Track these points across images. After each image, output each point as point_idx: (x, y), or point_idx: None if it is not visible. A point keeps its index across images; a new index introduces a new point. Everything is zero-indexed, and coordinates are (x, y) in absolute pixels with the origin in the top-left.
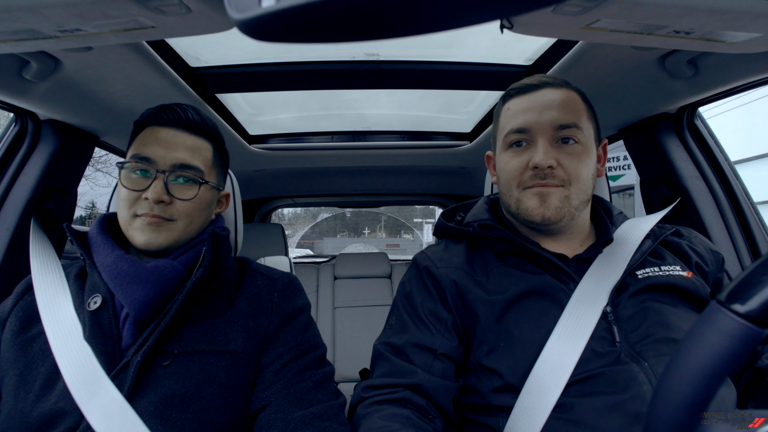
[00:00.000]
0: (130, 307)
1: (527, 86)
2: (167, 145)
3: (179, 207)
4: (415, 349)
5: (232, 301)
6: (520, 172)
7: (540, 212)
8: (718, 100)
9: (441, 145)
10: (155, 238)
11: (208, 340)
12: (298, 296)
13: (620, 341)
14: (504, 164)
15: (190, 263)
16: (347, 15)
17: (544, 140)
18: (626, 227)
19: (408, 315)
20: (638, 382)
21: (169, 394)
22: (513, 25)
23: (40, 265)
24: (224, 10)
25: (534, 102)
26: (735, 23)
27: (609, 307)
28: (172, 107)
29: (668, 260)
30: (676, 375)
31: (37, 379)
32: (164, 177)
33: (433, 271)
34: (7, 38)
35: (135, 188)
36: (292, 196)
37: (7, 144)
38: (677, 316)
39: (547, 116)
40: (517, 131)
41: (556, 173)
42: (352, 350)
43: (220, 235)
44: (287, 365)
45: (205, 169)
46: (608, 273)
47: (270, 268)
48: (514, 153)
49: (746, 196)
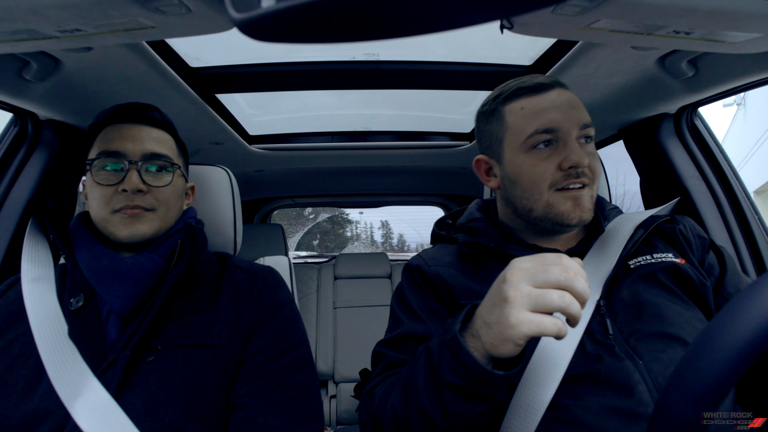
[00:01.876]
0: (112, 304)
1: (541, 85)
2: (134, 138)
3: (157, 195)
4: (409, 340)
5: (214, 296)
6: (552, 173)
7: (577, 215)
8: (718, 100)
9: (441, 146)
10: (138, 228)
11: (192, 334)
12: (280, 289)
13: (614, 334)
14: (529, 167)
15: (168, 255)
16: (347, 15)
17: (574, 140)
18: (618, 220)
19: (402, 312)
20: (633, 381)
21: (155, 389)
22: (513, 25)
23: (30, 267)
24: (224, 10)
25: (554, 101)
26: (735, 23)
27: (602, 299)
28: (132, 105)
29: (660, 248)
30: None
31: (18, 381)
32: (137, 167)
33: (424, 268)
34: (7, 38)
35: (109, 183)
36: (292, 197)
37: (7, 144)
38: (671, 308)
39: (573, 115)
40: (545, 131)
41: (586, 172)
42: (352, 350)
43: (195, 227)
44: (269, 362)
45: (173, 157)
46: (600, 264)
47: (250, 262)
48: (539, 154)
49: (746, 196)
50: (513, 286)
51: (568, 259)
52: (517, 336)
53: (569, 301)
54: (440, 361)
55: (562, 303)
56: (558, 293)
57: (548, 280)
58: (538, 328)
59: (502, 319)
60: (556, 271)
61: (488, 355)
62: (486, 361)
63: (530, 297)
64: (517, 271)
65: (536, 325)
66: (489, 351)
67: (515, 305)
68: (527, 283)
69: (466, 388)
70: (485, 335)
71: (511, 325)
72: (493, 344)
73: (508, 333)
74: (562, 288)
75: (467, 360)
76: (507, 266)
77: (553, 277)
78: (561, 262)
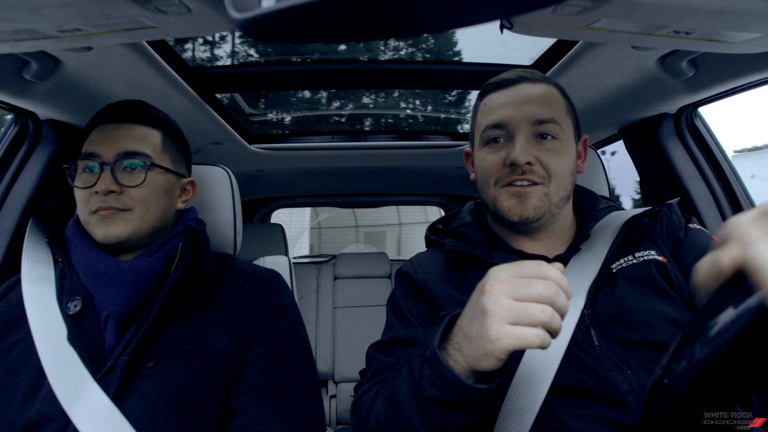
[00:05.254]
0: (109, 309)
1: (505, 81)
2: (110, 138)
3: (132, 194)
4: (399, 344)
5: (216, 299)
6: (497, 169)
7: (518, 212)
8: (718, 100)
9: (441, 146)
10: (112, 230)
11: (193, 339)
12: (282, 294)
13: (599, 345)
14: (481, 161)
15: (167, 259)
16: (347, 15)
17: (521, 136)
18: (605, 220)
19: (395, 317)
20: (622, 392)
21: (154, 395)
22: (513, 25)
23: (30, 267)
24: (224, 10)
25: (511, 97)
26: (735, 23)
27: (587, 309)
28: (119, 103)
29: (643, 246)
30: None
31: (19, 386)
32: (110, 168)
33: (413, 275)
34: (7, 38)
35: (85, 185)
36: (292, 196)
37: (7, 144)
38: (658, 311)
39: (524, 111)
40: (494, 126)
41: (534, 170)
42: (352, 350)
43: (197, 229)
44: (270, 368)
45: (153, 154)
46: (584, 271)
47: (253, 265)
48: (491, 149)
49: (746, 196)
50: (492, 298)
51: (548, 268)
52: (499, 351)
53: (551, 315)
54: (421, 376)
55: (544, 317)
56: (540, 307)
57: (530, 294)
58: (520, 342)
59: (483, 333)
60: (539, 287)
61: (470, 369)
62: (468, 374)
63: (511, 311)
64: (496, 282)
65: (518, 339)
66: (471, 365)
67: (495, 319)
68: (507, 295)
69: (449, 402)
70: (466, 349)
71: (492, 340)
72: (474, 358)
73: (489, 348)
74: (544, 302)
75: (448, 376)
76: (485, 275)
77: (535, 293)
78: (542, 273)
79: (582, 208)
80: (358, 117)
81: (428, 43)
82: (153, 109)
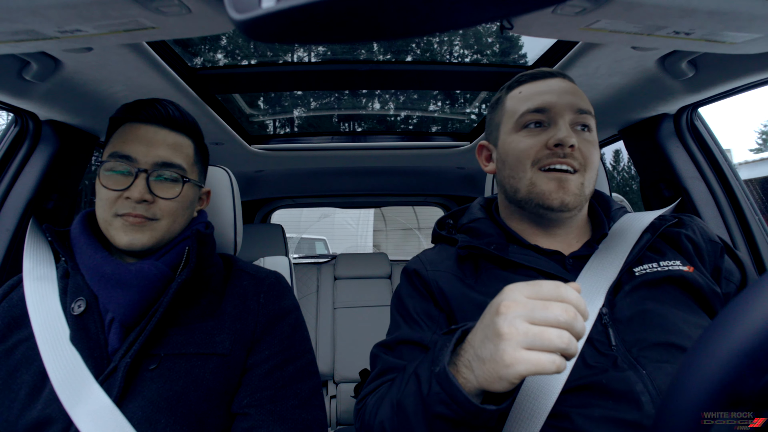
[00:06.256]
0: (114, 312)
1: (542, 72)
2: (148, 142)
3: (162, 206)
4: (405, 345)
5: (219, 302)
6: (537, 150)
7: (559, 196)
8: (718, 100)
9: (441, 146)
10: (138, 238)
11: (195, 342)
12: (286, 296)
13: (616, 344)
14: (516, 144)
15: (174, 263)
16: (347, 15)
17: (564, 121)
18: (624, 221)
19: (401, 316)
20: (637, 392)
21: (156, 397)
22: (513, 25)
23: (32, 266)
24: (224, 10)
25: (551, 86)
26: (735, 24)
27: (605, 308)
28: (152, 102)
29: (668, 255)
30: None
31: (21, 387)
32: (146, 176)
33: (422, 273)
34: (7, 39)
35: (116, 188)
36: (292, 197)
37: (7, 144)
38: (678, 317)
39: (567, 99)
40: (536, 111)
41: (576, 155)
42: (352, 350)
43: (204, 233)
44: (272, 371)
45: (187, 167)
46: (604, 271)
47: (257, 266)
48: (529, 133)
49: (746, 196)
50: (508, 321)
51: (566, 290)
52: (513, 375)
53: (568, 341)
54: (429, 392)
55: (561, 344)
56: (557, 332)
57: (547, 318)
58: (536, 368)
59: (497, 357)
60: (556, 310)
61: (480, 389)
62: (477, 393)
63: (527, 335)
64: (512, 304)
65: (533, 365)
66: (482, 386)
67: (510, 343)
68: (523, 318)
69: (456, 420)
70: (478, 370)
71: (507, 365)
72: (487, 380)
73: (502, 372)
74: (561, 327)
75: (457, 395)
76: (499, 294)
77: (552, 317)
78: (560, 295)
79: (594, 206)
80: (358, 117)
81: (428, 44)
82: (186, 113)
